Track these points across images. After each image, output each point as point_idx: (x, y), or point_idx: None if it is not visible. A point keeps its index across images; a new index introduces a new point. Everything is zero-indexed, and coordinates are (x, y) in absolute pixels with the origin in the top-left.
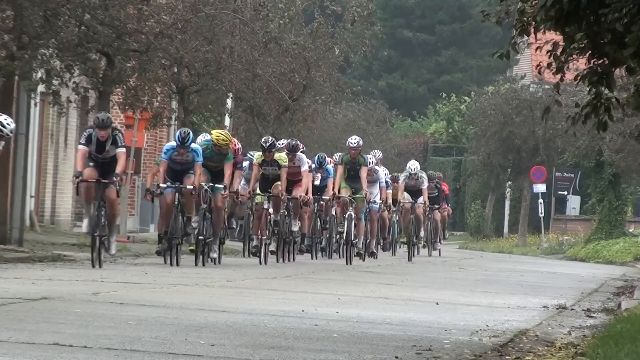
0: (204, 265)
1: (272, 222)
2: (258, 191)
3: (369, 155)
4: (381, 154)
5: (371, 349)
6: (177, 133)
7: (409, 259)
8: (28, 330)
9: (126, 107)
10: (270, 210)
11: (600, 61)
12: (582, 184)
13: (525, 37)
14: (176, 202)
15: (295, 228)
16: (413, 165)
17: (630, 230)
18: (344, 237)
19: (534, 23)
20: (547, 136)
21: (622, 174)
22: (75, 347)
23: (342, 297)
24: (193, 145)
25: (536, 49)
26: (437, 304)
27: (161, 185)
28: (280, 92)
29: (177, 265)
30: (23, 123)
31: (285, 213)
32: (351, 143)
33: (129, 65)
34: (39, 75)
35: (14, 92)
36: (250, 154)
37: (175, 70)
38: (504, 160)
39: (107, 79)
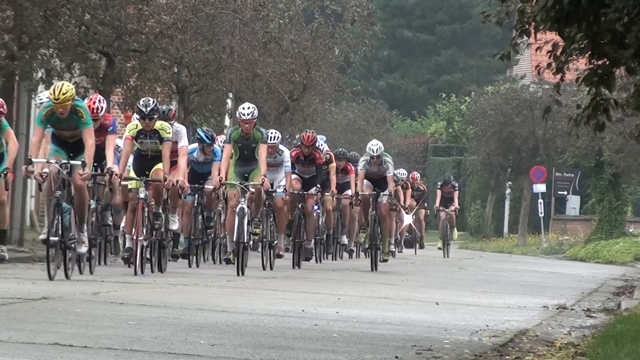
0: (67, 277)
1: (150, 217)
2: (132, 174)
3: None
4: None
5: (371, 349)
6: None
7: (373, 268)
8: (28, 330)
9: (126, 107)
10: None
11: (600, 61)
12: (582, 184)
13: (526, 38)
14: None
15: (174, 227)
16: (375, 145)
17: (630, 230)
18: (235, 239)
19: (534, 23)
20: (547, 136)
21: (622, 174)
22: (75, 347)
23: (342, 297)
24: None
25: (536, 50)
26: (437, 304)
27: None
28: (280, 92)
29: None
30: (23, 123)
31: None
32: (243, 114)
33: (129, 65)
34: (39, 75)
35: (14, 92)
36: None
37: (175, 70)
38: (504, 160)
39: (107, 79)
